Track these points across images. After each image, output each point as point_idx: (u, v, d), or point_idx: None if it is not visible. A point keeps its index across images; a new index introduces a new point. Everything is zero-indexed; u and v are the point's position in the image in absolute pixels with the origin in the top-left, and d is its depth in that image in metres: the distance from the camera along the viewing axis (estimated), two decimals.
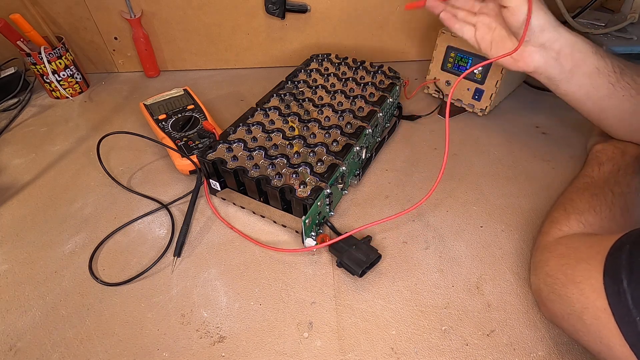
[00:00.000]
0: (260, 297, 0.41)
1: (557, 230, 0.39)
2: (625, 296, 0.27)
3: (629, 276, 0.27)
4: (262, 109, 0.53)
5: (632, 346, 0.27)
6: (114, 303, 0.41)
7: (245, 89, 0.73)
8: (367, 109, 0.52)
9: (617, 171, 0.43)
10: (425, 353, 0.36)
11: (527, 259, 0.42)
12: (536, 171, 0.53)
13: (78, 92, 0.73)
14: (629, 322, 0.27)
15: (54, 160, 0.59)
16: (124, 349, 0.37)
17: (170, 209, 0.50)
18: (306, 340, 0.37)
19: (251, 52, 0.77)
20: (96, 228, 0.48)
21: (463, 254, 0.43)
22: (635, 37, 0.61)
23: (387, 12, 0.71)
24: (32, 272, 0.44)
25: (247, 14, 0.71)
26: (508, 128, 0.60)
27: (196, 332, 0.38)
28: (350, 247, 0.42)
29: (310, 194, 0.41)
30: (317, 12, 0.71)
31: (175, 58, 0.78)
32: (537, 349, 0.36)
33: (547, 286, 0.35)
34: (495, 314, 0.38)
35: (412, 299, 0.40)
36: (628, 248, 0.29)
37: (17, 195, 0.54)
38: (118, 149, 0.60)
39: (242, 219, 0.48)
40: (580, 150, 0.55)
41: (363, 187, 0.52)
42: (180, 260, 0.44)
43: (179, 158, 0.53)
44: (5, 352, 0.37)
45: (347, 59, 0.63)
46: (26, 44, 0.66)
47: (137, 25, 0.71)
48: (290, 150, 0.47)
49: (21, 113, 0.70)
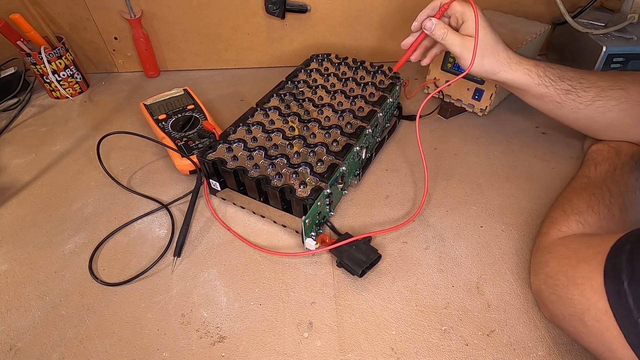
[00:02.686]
0: (260, 297, 0.41)
1: (557, 230, 0.39)
2: (627, 297, 0.27)
3: (630, 277, 0.27)
4: (262, 109, 0.53)
5: (634, 348, 0.26)
6: (114, 303, 0.41)
7: (245, 89, 0.73)
8: (367, 109, 0.52)
9: (614, 170, 0.44)
10: (425, 353, 0.36)
11: (527, 259, 0.42)
12: (536, 171, 0.53)
13: (78, 92, 0.73)
14: (630, 324, 0.27)
15: (54, 160, 0.59)
16: (124, 349, 0.37)
17: (170, 209, 0.50)
18: (306, 340, 0.37)
19: (251, 52, 0.77)
20: (96, 228, 0.48)
21: (463, 254, 0.43)
22: (635, 37, 0.61)
23: (387, 12, 0.71)
24: (32, 272, 0.44)
25: (247, 14, 0.71)
26: (508, 128, 0.60)
27: (196, 332, 0.38)
28: (350, 247, 0.42)
29: (310, 194, 0.41)
30: (317, 12, 0.71)
31: (175, 58, 0.78)
32: (537, 349, 0.36)
33: (547, 287, 0.35)
34: (495, 314, 0.38)
35: (412, 299, 0.40)
36: (628, 249, 0.29)
37: (17, 195, 0.54)
38: (118, 149, 0.60)
39: (242, 219, 0.48)
40: (580, 150, 0.55)
41: (363, 187, 0.52)
42: (180, 260, 0.44)
43: (179, 158, 0.53)
44: (5, 352, 0.37)
45: (347, 59, 0.63)
46: (26, 44, 0.66)
47: (137, 25, 0.71)
48: (290, 150, 0.47)
49: (21, 113, 0.70)
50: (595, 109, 0.45)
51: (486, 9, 0.70)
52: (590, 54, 0.62)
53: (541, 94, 0.47)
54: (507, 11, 0.68)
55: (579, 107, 0.46)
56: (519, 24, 0.63)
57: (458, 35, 0.45)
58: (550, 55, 0.75)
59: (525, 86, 0.47)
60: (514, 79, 0.46)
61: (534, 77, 0.46)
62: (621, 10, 0.62)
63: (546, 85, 0.46)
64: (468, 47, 0.45)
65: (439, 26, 0.45)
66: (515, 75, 0.46)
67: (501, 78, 0.47)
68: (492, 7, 0.70)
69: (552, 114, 0.49)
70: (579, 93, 0.45)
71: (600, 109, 0.45)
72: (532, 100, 0.49)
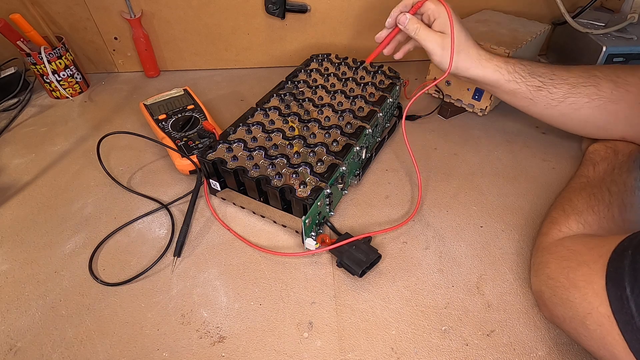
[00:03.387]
0: (260, 297, 0.41)
1: (557, 231, 0.38)
2: (629, 303, 0.27)
3: (632, 283, 0.27)
4: (262, 109, 0.53)
5: (636, 354, 0.26)
6: (114, 303, 0.41)
7: (245, 89, 0.73)
8: (367, 109, 0.52)
9: (612, 170, 0.44)
10: (425, 353, 0.36)
11: (527, 259, 0.42)
12: (536, 171, 0.53)
13: (78, 92, 0.73)
14: (632, 330, 0.26)
15: (54, 160, 0.59)
16: (124, 349, 0.37)
17: (170, 209, 0.50)
18: (306, 340, 0.37)
19: (251, 52, 0.77)
20: (96, 228, 0.48)
21: (463, 254, 0.43)
22: (635, 37, 0.61)
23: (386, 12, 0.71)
24: (32, 272, 0.44)
25: (247, 14, 0.71)
26: (508, 128, 0.60)
27: (196, 332, 0.38)
28: (350, 247, 0.42)
29: (310, 194, 0.41)
30: (317, 12, 0.71)
31: (175, 58, 0.78)
32: (537, 349, 0.36)
33: (549, 289, 0.35)
34: (495, 314, 0.38)
35: (412, 299, 0.40)
36: (630, 253, 0.28)
37: (17, 195, 0.54)
38: (118, 149, 0.60)
39: (242, 219, 0.48)
40: (580, 150, 0.55)
41: (363, 187, 0.52)
42: (180, 260, 0.44)
43: (179, 158, 0.53)
44: (5, 352, 0.37)
45: (347, 59, 0.63)
46: (26, 44, 0.66)
47: (137, 25, 0.71)
48: (290, 150, 0.47)
49: (21, 113, 0.70)
50: (568, 105, 0.46)
51: (486, 8, 0.70)
52: (590, 54, 0.62)
53: (512, 90, 0.48)
54: (507, 11, 0.68)
55: (552, 103, 0.47)
56: (519, 24, 0.63)
57: (430, 31, 0.47)
58: (550, 55, 0.75)
59: (495, 82, 0.48)
60: (484, 76, 0.48)
61: (504, 73, 0.47)
62: (621, 10, 0.62)
63: (517, 81, 0.47)
64: (439, 43, 0.46)
65: (412, 21, 0.47)
66: (486, 72, 0.47)
67: (472, 75, 0.48)
68: (492, 7, 0.70)
69: (527, 110, 0.50)
70: (550, 89, 0.46)
71: (573, 105, 0.46)
72: (505, 97, 0.50)
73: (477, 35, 0.58)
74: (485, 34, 0.60)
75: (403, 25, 0.48)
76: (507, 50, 0.55)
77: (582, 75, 0.45)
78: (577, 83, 0.45)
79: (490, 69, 0.47)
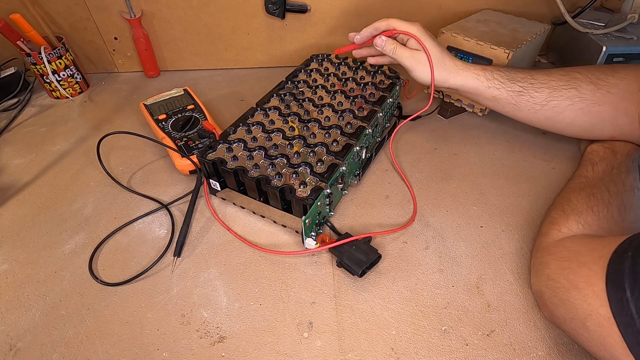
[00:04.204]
0: (260, 297, 0.41)
1: (557, 231, 0.38)
2: (629, 306, 0.27)
3: (633, 285, 0.27)
4: (262, 109, 0.53)
5: (637, 356, 0.26)
6: (114, 303, 0.41)
7: (245, 89, 0.73)
8: (367, 109, 0.52)
9: (611, 170, 0.44)
10: (425, 353, 0.36)
11: (527, 259, 0.42)
12: (536, 171, 0.53)
13: (78, 92, 0.73)
14: (632, 332, 0.26)
15: (54, 160, 0.59)
16: (124, 349, 0.37)
17: (170, 209, 0.50)
18: (306, 340, 0.37)
19: (251, 52, 0.77)
20: (96, 228, 0.48)
21: (463, 254, 0.43)
22: (635, 37, 0.61)
23: (386, 12, 0.71)
24: (32, 272, 0.44)
25: (247, 14, 0.71)
26: (508, 128, 0.60)
27: (196, 332, 0.38)
28: (350, 247, 0.42)
29: (310, 194, 0.41)
30: (317, 12, 0.71)
31: (175, 58, 0.78)
32: (537, 349, 0.36)
33: (548, 289, 0.35)
34: (495, 314, 0.38)
35: (412, 299, 0.40)
36: (630, 255, 0.28)
37: (17, 195, 0.54)
38: (118, 149, 0.60)
39: (242, 219, 0.48)
40: (579, 150, 0.54)
41: (363, 187, 0.52)
42: (180, 260, 0.44)
43: (179, 158, 0.53)
44: (5, 352, 0.37)
45: (347, 59, 0.63)
46: (26, 44, 0.66)
47: (137, 25, 0.71)
48: (290, 150, 0.47)
49: (21, 113, 0.70)
50: (551, 109, 0.46)
51: (486, 8, 0.70)
52: (590, 54, 0.62)
53: (494, 97, 0.49)
54: (507, 11, 0.68)
55: (535, 107, 0.47)
56: (519, 24, 0.63)
57: (405, 49, 0.49)
58: (550, 55, 0.75)
59: (475, 90, 0.49)
60: (463, 84, 0.49)
61: (483, 80, 0.48)
62: (621, 10, 0.62)
63: (497, 87, 0.48)
64: (416, 59, 0.48)
65: (388, 42, 0.50)
66: (465, 80, 0.49)
67: (451, 84, 0.50)
68: (492, 7, 0.70)
69: (513, 116, 0.51)
70: (532, 94, 0.47)
71: (556, 109, 0.46)
72: (489, 104, 0.51)
73: (477, 35, 0.58)
74: (485, 34, 0.59)
75: (380, 47, 0.50)
76: (507, 50, 0.55)
77: (562, 78, 0.46)
78: (558, 86, 0.46)
79: (469, 77, 0.49)
